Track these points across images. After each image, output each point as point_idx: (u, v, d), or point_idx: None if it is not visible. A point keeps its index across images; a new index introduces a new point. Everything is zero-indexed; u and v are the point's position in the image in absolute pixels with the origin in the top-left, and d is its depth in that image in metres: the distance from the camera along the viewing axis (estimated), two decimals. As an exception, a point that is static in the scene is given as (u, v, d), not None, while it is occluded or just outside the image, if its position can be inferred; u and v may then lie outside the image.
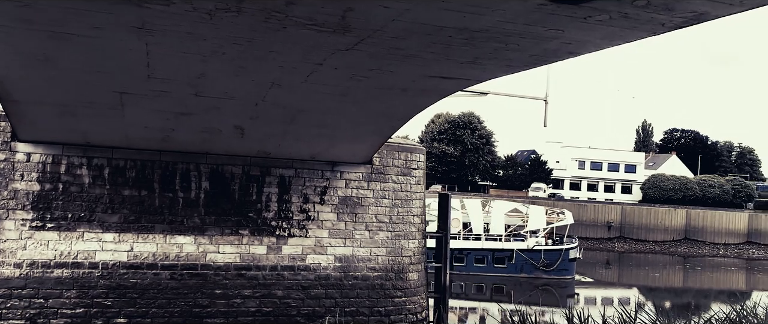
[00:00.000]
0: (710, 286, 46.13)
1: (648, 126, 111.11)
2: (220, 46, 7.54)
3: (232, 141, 12.73)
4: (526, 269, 36.01)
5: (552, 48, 6.86)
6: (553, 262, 36.16)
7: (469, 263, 35.78)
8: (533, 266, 36.03)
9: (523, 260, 36.01)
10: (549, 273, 35.99)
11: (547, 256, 36.28)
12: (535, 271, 35.97)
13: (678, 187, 74.96)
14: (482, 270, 35.71)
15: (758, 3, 5.04)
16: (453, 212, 36.62)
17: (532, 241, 37.06)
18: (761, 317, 6.15)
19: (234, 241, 13.60)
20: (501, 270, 35.82)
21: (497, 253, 36.06)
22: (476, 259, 35.91)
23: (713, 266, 55.04)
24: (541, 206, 41.73)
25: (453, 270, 35.10)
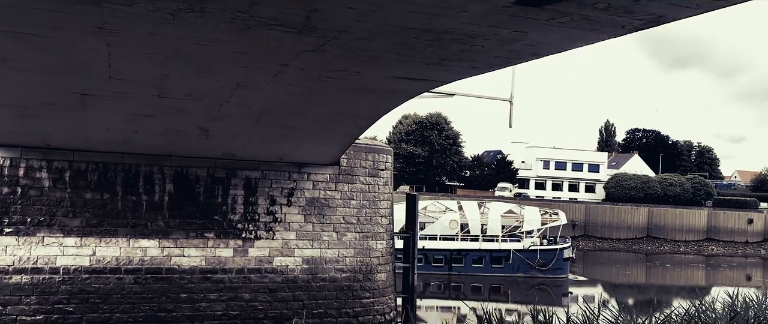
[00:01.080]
0: (672, 282, 47.17)
1: (611, 126, 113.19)
2: (184, 46, 7.44)
3: (196, 143, 12.57)
4: (522, 269, 36.52)
5: (516, 49, 6.94)
6: (548, 262, 36.69)
7: (467, 264, 36.22)
8: (529, 266, 36.51)
9: (520, 260, 36.50)
10: (544, 272, 36.54)
11: (542, 255, 36.86)
12: (531, 270, 36.52)
13: (640, 186, 76.46)
14: (480, 270, 36.15)
15: (713, 6, 5.18)
16: (450, 214, 37.08)
17: (528, 241, 37.60)
18: (719, 312, 6.32)
19: (199, 244, 13.43)
20: (498, 270, 36.28)
21: (494, 254, 36.52)
22: (474, 260, 36.39)
23: (674, 263, 56.30)
24: (536, 207, 42.41)
25: (452, 271, 35.62)
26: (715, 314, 6.29)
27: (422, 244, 35.96)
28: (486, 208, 38.92)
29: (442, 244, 36.41)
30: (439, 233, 36.99)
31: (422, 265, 35.50)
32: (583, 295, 35.21)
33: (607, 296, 35.90)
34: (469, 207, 38.48)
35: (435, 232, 36.97)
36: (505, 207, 40.19)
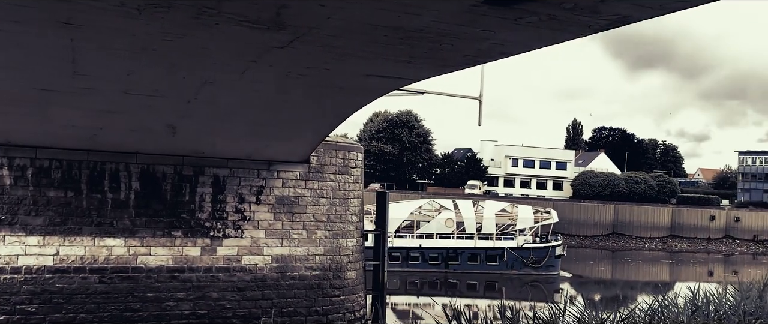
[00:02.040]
0: (637, 278, 48.12)
1: (578, 124, 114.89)
2: (150, 42, 7.33)
3: (163, 140, 12.39)
4: (516, 266, 37.38)
5: (484, 48, 7.00)
6: (541, 259, 37.68)
7: (463, 261, 37.03)
8: (523, 263, 37.41)
9: (514, 258, 37.42)
10: (537, 269, 37.48)
11: (535, 253, 37.85)
12: (524, 268, 37.40)
13: (606, 184, 77.77)
14: (476, 268, 36.97)
15: (675, 7, 5.29)
16: (446, 213, 37.87)
17: (521, 239, 38.52)
18: (681, 307, 6.47)
19: (166, 242, 13.24)
20: (493, 267, 37.15)
21: (489, 252, 37.36)
22: (470, 258, 37.21)
23: (640, 259, 57.42)
24: (529, 206, 43.41)
25: (448, 268, 36.46)
26: (678, 309, 6.45)
27: (419, 242, 36.63)
28: (480, 207, 39.76)
29: (438, 243, 37.10)
30: (436, 232, 37.70)
31: (419, 264, 36.27)
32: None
33: (574, 292, 36.51)
34: (465, 206, 39.31)
35: (431, 231, 37.67)
36: (499, 206, 41.21)
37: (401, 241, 36.45)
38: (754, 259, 61.48)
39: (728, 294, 7.35)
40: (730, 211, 72.42)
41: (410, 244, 36.72)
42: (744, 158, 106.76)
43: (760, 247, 67.10)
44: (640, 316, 6.56)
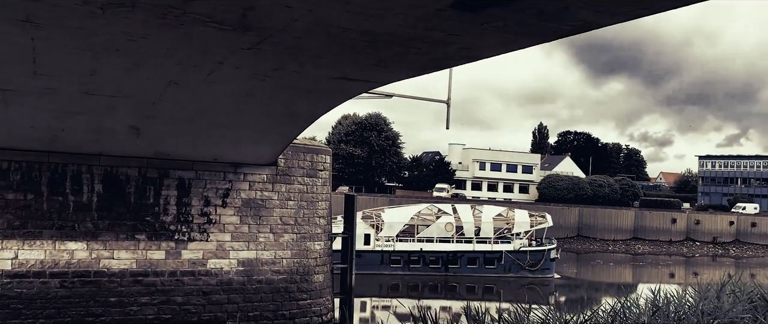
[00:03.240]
0: (600, 280, 48.88)
1: (544, 128, 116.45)
2: (114, 42, 7.20)
3: (127, 142, 12.18)
4: (513, 269, 38.23)
5: (451, 52, 7.05)
6: (537, 262, 38.68)
7: (462, 265, 37.76)
8: (519, 266, 38.33)
9: (511, 261, 38.31)
10: (534, 272, 38.44)
11: (531, 256, 38.83)
12: (521, 270, 38.30)
13: (571, 187, 78.90)
14: (474, 271, 37.71)
15: (638, 14, 5.40)
16: (446, 217, 38.66)
17: (518, 243, 39.46)
18: (642, 308, 6.62)
19: (130, 246, 13.02)
20: (491, 270, 37.99)
21: (487, 255, 38.17)
22: (469, 261, 37.95)
23: (604, 261, 58.34)
24: (524, 210, 44.24)
25: (448, 272, 37.07)
26: (639, 310, 6.58)
27: (420, 246, 37.27)
28: (478, 211, 40.68)
29: (438, 246, 37.84)
30: (436, 236, 38.44)
31: (420, 267, 36.87)
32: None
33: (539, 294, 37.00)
34: (463, 210, 40.21)
35: (432, 235, 38.42)
36: (496, 210, 42.05)
37: (402, 245, 37.31)
38: (714, 260, 63.04)
39: (688, 295, 7.53)
40: (690, 214, 74.11)
41: (411, 248, 37.41)
42: (704, 162, 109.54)
43: (719, 249, 68.81)
44: (603, 317, 6.68)
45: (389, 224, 37.46)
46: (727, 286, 7.58)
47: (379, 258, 36.42)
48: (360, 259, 35.85)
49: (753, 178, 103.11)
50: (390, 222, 37.58)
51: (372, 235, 36.74)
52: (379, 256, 36.43)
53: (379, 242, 36.77)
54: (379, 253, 36.51)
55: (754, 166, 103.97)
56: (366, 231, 36.50)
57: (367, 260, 35.46)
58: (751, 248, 69.93)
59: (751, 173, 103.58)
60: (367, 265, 35.49)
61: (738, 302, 7.00)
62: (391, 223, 37.56)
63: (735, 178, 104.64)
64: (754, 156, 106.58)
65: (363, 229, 36.41)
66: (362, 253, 35.38)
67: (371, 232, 36.78)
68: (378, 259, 36.31)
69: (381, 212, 39.41)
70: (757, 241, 71.11)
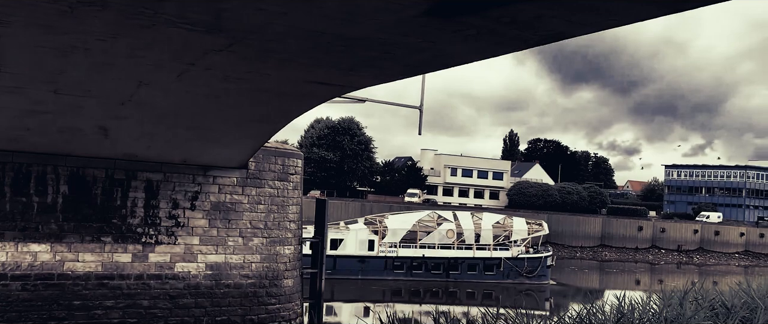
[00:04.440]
0: (568, 285, 49.49)
1: (514, 135, 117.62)
2: (83, 41, 7.08)
3: (95, 142, 11.98)
4: (511, 276, 39.27)
5: (425, 59, 7.09)
6: (534, 269, 39.83)
7: (463, 271, 38.71)
8: (517, 273, 39.40)
9: (510, 267, 39.35)
10: (531, 279, 39.55)
11: (529, 263, 39.96)
12: (518, 277, 39.37)
13: (540, 194, 79.83)
14: (475, 277, 38.65)
15: (608, 25, 5.50)
16: (447, 224, 39.57)
17: (516, 250, 40.38)
18: (607, 314, 6.73)
19: (95, 248, 12.78)
20: (490, 277, 38.95)
21: (487, 261, 39.27)
22: (469, 267, 38.87)
23: (572, 268, 59.07)
24: (522, 218, 45.36)
25: (449, 278, 38.02)
26: (604, 316, 6.69)
27: (422, 252, 38.10)
28: (478, 219, 41.56)
29: (440, 253, 38.68)
30: (438, 242, 39.21)
31: (422, 273, 37.76)
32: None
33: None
34: (464, 217, 41.16)
35: (433, 241, 39.17)
36: (496, 218, 42.96)
37: (405, 251, 38.07)
38: (678, 268, 64.26)
39: (652, 302, 7.67)
40: (656, 222, 75.49)
41: (414, 254, 38.09)
42: (670, 172, 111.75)
43: (683, 256, 70.19)
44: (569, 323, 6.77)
45: (393, 230, 38.24)
46: (689, 294, 7.75)
47: (383, 264, 37.17)
48: (365, 264, 36.75)
49: (717, 188, 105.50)
50: (393, 228, 38.37)
51: (376, 241, 37.36)
52: (383, 262, 37.16)
53: (383, 248, 37.38)
54: (383, 259, 37.19)
55: (718, 175, 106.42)
56: (370, 237, 37.33)
57: (372, 266, 36.63)
58: (714, 256, 71.49)
59: (715, 183, 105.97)
60: (371, 271, 36.61)
61: (700, 309, 7.17)
62: (394, 229, 38.37)
63: (700, 187, 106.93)
64: (719, 166, 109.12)
65: (367, 235, 37.37)
66: (367, 259, 36.63)
67: (375, 238, 37.48)
68: (382, 265, 37.11)
69: (384, 218, 40.11)
70: (720, 249, 72.76)
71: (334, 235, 36.57)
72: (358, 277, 36.32)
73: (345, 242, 36.78)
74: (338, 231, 37.32)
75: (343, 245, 36.62)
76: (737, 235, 74.69)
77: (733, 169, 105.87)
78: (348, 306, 32.81)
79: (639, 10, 5.13)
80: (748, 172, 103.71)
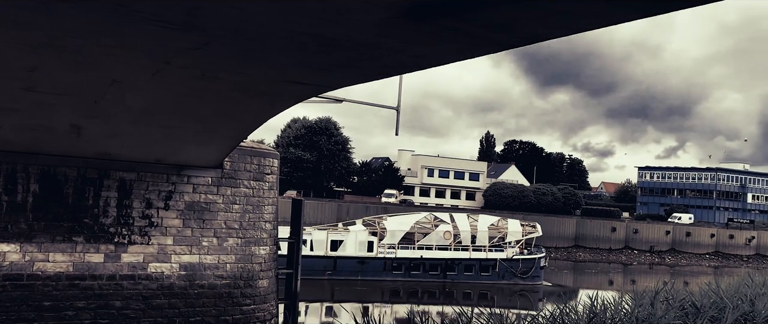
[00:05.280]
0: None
1: (491, 137, 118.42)
2: (57, 38, 6.98)
3: (67, 140, 11.79)
4: (506, 276, 40.00)
5: (402, 59, 7.11)
6: (528, 270, 40.65)
7: (459, 272, 39.30)
8: (512, 273, 40.18)
9: (505, 268, 40.12)
10: (525, 279, 40.36)
11: (523, 264, 40.79)
12: (513, 277, 40.15)
13: (516, 195, 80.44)
14: (471, 278, 39.31)
15: (580, 28, 5.58)
16: (444, 226, 40.20)
17: (511, 251, 41.17)
18: (580, 313, 6.82)
19: (66, 248, 12.58)
20: (486, 277, 39.70)
21: (483, 263, 40.01)
22: (466, 268, 39.50)
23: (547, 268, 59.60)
24: (517, 220, 46.06)
25: (446, 278, 38.57)
26: (577, 316, 6.78)
27: (420, 253, 38.68)
28: (474, 220, 42.21)
29: (437, 254, 39.34)
30: (435, 244, 39.83)
31: (420, 273, 38.40)
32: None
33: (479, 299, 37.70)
34: (460, 219, 41.81)
35: (431, 243, 39.77)
36: (491, 220, 43.64)
37: (403, 252, 38.62)
38: (650, 268, 65.22)
39: (624, 302, 7.79)
40: (629, 223, 76.52)
41: (412, 255, 38.62)
42: (643, 173, 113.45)
43: (655, 257, 71.26)
44: (542, 323, 6.85)
45: (391, 232, 38.75)
46: (660, 294, 7.88)
47: (382, 265, 37.70)
48: (365, 265, 37.24)
49: (689, 190, 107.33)
50: (392, 230, 38.90)
51: (375, 242, 37.82)
52: (382, 263, 37.70)
53: (382, 250, 37.89)
54: (382, 260, 37.74)
55: (690, 177, 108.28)
56: (369, 239, 37.88)
57: (371, 267, 37.19)
58: (685, 257, 72.71)
59: (687, 184, 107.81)
60: (371, 272, 37.13)
61: (671, 309, 7.30)
62: (393, 230, 38.91)
63: (672, 189, 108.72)
64: (690, 168, 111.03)
65: (366, 237, 37.94)
66: (366, 260, 37.16)
67: (374, 239, 37.97)
68: (381, 266, 37.65)
69: (381, 220, 40.63)
70: (691, 249, 74.01)
71: (335, 236, 37.24)
72: (357, 278, 36.85)
73: (345, 243, 37.27)
74: (338, 232, 38.12)
75: (343, 247, 37.16)
76: (708, 236, 76.06)
77: (704, 171, 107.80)
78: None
79: (612, 14, 5.21)
80: (718, 175, 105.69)
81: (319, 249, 36.41)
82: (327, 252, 36.55)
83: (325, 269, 36.03)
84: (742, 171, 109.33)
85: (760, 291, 8.93)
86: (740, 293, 8.70)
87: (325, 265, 36.12)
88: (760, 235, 78.35)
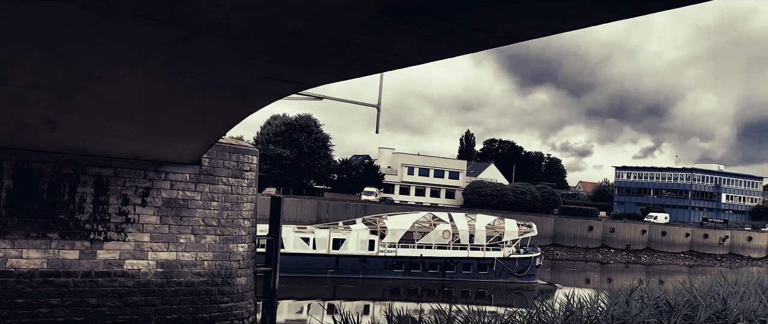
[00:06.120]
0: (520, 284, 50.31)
1: (471, 136, 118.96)
2: (31, 31, 6.85)
3: (41, 135, 11.60)
4: (503, 275, 40.67)
5: (383, 58, 7.11)
6: (524, 269, 41.39)
7: (458, 270, 39.92)
8: (509, 272, 40.83)
9: (502, 267, 40.77)
10: (521, 278, 41.01)
11: (520, 263, 41.56)
12: (510, 276, 40.79)
13: (495, 193, 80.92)
14: (469, 276, 39.94)
15: (560, 29, 5.62)
16: (443, 225, 40.83)
17: (507, 250, 41.79)
18: (556, 311, 6.89)
19: (41, 245, 12.39)
20: (484, 276, 40.38)
21: (481, 261, 40.67)
22: (464, 267, 40.12)
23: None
24: (513, 220, 46.53)
25: (445, 277, 39.08)
26: (553, 314, 6.84)
27: (420, 252, 39.28)
28: (472, 220, 42.85)
29: (437, 253, 39.90)
30: (434, 243, 40.44)
31: (420, 272, 38.98)
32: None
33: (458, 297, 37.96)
34: (459, 219, 42.49)
35: (430, 242, 40.40)
36: (489, 219, 44.30)
37: (404, 251, 39.14)
38: (626, 267, 66.01)
39: (600, 300, 7.87)
40: (606, 222, 77.33)
41: (412, 254, 39.16)
42: (620, 173, 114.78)
43: (631, 256, 72.13)
44: (519, 321, 6.90)
45: (392, 231, 39.33)
46: (636, 292, 7.98)
47: (383, 263, 38.22)
48: (366, 264, 37.63)
49: (664, 189, 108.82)
50: (393, 229, 39.48)
51: (376, 241, 38.33)
52: (383, 262, 38.21)
53: (382, 248, 38.42)
54: (383, 259, 38.25)
55: (666, 177, 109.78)
56: (370, 237, 38.39)
57: (373, 265, 37.72)
58: (660, 256, 73.70)
59: (663, 184, 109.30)
60: (372, 270, 37.63)
61: (645, 307, 7.39)
62: (393, 229, 39.49)
63: (648, 188, 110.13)
64: (666, 168, 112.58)
65: (367, 236, 38.44)
66: (368, 259, 37.68)
67: (375, 238, 38.48)
68: (382, 265, 38.17)
69: (380, 219, 41.13)
70: (666, 249, 75.03)
71: (337, 235, 37.69)
72: (359, 276, 37.29)
73: (347, 242, 37.71)
74: (340, 231, 38.59)
75: (345, 245, 37.63)
76: (683, 236, 77.17)
77: (680, 172, 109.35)
78: (298, 303, 32.64)
79: (592, 15, 5.25)
80: (693, 175, 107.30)
81: (322, 247, 36.84)
82: (329, 250, 36.96)
83: (327, 267, 36.51)
84: (716, 171, 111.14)
85: (733, 290, 9.08)
86: (713, 292, 8.84)
87: (328, 263, 36.64)
88: (733, 235, 79.68)
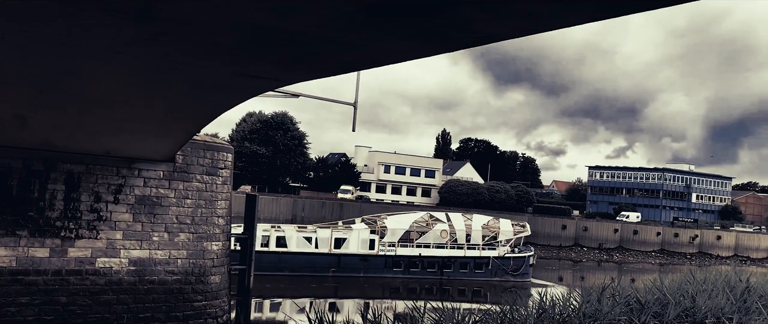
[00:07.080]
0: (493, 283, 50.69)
1: (447, 134, 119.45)
2: (0, 25, 6.71)
3: (11, 131, 11.38)
4: (498, 274, 41.58)
5: (360, 56, 7.11)
6: (518, 267, 42.35)
7: (455, 269, 40.73)
8: (504, 271, 41.76)
9: (498, 266, 41.69)
10: (515, 276, 41.94)
11: (515, 262, 42.50)
12: (505, 275, 41.73)
13: (470, 192, 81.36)
14: (466, 275, 40.80)
15: (536, 30, 5.67)
16: (441, 225, 41.52)
17: (502, 249, 42.73)
18: (530, 308, 6.96)
19: (9, 243, 12.15)
20: (480, 274, 41.28)
21: (477, 260, 41.56)
22: (461, 266, 40.96)
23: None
24: (508, 220, 47.43)
25: (443, 276, 39.79)
26: (527, 311, 6.91)
27: (418, 251, 39.96)
28: (469, 220, 43.50)
29: (435, 252, 40.66)
30: (433, 242, 41.17)
31: (418, 271, 39.71)
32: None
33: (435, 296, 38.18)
34: (456, 218, 43.20)
35: (428, 241, 41.09)
36: (485, 219, 45.05)
37: (403, 250, 39.75)
38: (599, 265, 66.87)
39: (573, 298, 7.97)
40: (579, 221, 78.23)
41: (411, 253, 39.86)
42: (593, 173, 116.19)
43: (604, 254, 73.09)
44: (493, 318, 6.96)
45: (392, 230, 39.99)
46: (607, 290, 8.09)
47: (384, 262, 38.85)
48: (367, 263, 38.04)
49: (637, 189, 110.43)
50: (392, 228, 40.12)
51: (377, 240, 38.89)
52: (383, 261, 38.85)
53: (383, 248, 39.05)
54: (384, 258, 38.90)
55: (638, 177, 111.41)
56: (371, 237, 38.97)
57: (373, 264, 38.38)
58: (632, 254, 74.80)
59: (635, 184, 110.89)
60: (372, 269, 38.27)
61: (616, 305, 7.50)
62: (393, 229, 40.12)
63: (620, 188, 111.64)
64: (638, 168, 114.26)
65: (368, 235, 39.09)
66: (368, 258, 38.27)
67: (375, 238, 39.02)
68: (382, 263, 38.83)
69: (379, 219, 41.75)
70: (638, 247, 76.17)
71: (338, 234, 38.25)
72: (360, 275, 37.82)
73: (348, 241, 38.21)
74: (341, 230, 39.21)
75: (347, 244, 38.14)
76: (654, 235, 78.42)
77: (652, 172, 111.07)
78: (271, 301, 32.50)
79: (567, 16, 5.31)
80: (665, 175, 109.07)
81: (324, 246, 37.33)
82: (331, 249, 37.31)
83: (329, 266, 36.98)
84: (687, 172, 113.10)
85: (702, 288, 9.27)
86: (682, 290, 9.01)
87: (330, 262, 37.11)
88: (703, 234, 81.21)
